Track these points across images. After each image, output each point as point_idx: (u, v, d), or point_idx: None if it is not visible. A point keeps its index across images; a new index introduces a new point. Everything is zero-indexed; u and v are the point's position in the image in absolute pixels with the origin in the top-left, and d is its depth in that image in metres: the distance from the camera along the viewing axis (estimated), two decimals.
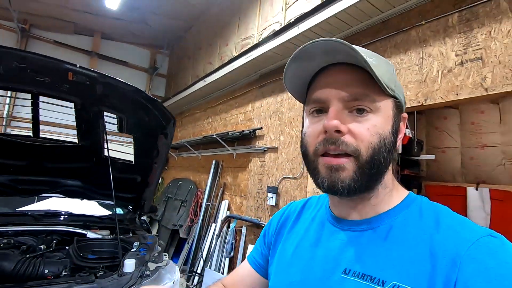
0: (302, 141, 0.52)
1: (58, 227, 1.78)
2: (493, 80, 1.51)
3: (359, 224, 0.51)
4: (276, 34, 2.64)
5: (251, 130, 3.08)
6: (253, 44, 3.01)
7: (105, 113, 1.57)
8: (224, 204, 3.37)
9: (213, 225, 3.38)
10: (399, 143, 0.51)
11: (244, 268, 0.71)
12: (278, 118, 2.91)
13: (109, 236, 1.85)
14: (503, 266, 0.36)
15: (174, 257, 3.94)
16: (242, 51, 3.15)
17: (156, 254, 1.51)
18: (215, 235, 3.24)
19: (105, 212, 2.36)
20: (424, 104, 1.77)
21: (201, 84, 3.90)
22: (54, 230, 1.75)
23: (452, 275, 0.39)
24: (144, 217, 2.36)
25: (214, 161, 3.76)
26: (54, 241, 1.62)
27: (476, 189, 3.33)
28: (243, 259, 2.93)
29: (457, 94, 1.62)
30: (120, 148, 1.97)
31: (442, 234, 0.43)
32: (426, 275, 0.41)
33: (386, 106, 0.48)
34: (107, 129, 1.61)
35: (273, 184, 2.81)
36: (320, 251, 0.53)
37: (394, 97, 0.49)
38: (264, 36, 2.86)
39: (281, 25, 2.67)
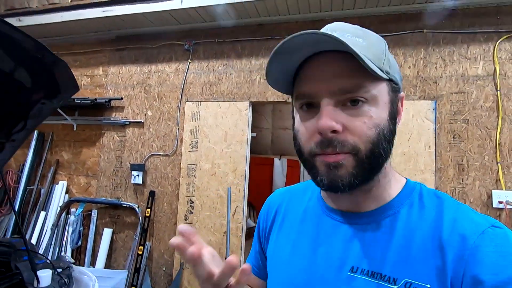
0: (295, 138, 0.49)
1: None
2: None
3: (361, 217, 0.48)
4: None
5: (107, 100, 2.64)
6: None
7: None
8: (62, 186, 2.72)
9: (42, 213, 2.66)
10: (398, 128, 0.48)
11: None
12: (145, 91, 2.69)
13: None
14: (505, 258, 0.37)
15: None
16: (97, 0, 2.55)
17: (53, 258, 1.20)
18: (48, 226, 2.58)
19: None
20: (287, 101, 2.37)
21: (12, 22, 2.71)
22: None
23: (460, 269, 0.39)
24: None
25: (36, 132, 2.85)
26: None
27: (279, 159, 4.62)
28: (94, 247, 2.59)
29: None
30: None
31: (448, 227, 0.42)
32: (437, 271, 0.40)
33: (381, 92, 0.44)
34: None
35: (138, 161, 2.64)
36: (322, 248, 0.50)
37: (390, 80, 0.45)
38: None
39: None
